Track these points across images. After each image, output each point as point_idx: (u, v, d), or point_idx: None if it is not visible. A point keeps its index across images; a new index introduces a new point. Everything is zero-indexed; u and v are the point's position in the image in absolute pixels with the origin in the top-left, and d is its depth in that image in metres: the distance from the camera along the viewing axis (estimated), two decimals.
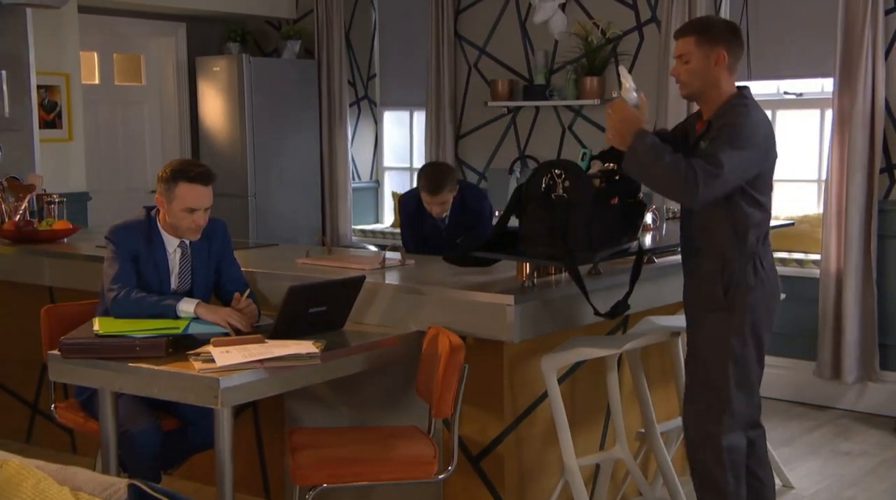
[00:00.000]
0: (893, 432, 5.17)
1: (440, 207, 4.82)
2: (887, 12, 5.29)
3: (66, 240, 4.81)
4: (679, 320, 3.78)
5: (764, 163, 3.24)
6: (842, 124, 5.35)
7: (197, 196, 3.56)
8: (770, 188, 3.34)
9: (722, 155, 3.10)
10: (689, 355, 3.42)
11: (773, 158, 3.30)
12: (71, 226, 4.87)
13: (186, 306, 3.46)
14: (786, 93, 5.93)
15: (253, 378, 3.07)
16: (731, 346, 3.28)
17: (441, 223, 4.91)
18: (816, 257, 5.62)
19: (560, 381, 3.64)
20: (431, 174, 4.83)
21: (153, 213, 3.68)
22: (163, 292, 3.62)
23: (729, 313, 3.27)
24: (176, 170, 3.57)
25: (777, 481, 4.40)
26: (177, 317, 3.44)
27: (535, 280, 3.54)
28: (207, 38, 7.77)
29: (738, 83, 3.34)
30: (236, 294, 3.60)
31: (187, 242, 3.69)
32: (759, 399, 3.49)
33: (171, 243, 3.67)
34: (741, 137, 3.15)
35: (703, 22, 3.41)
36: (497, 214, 4.73)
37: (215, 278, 3.78)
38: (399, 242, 5.36)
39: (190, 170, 3.58)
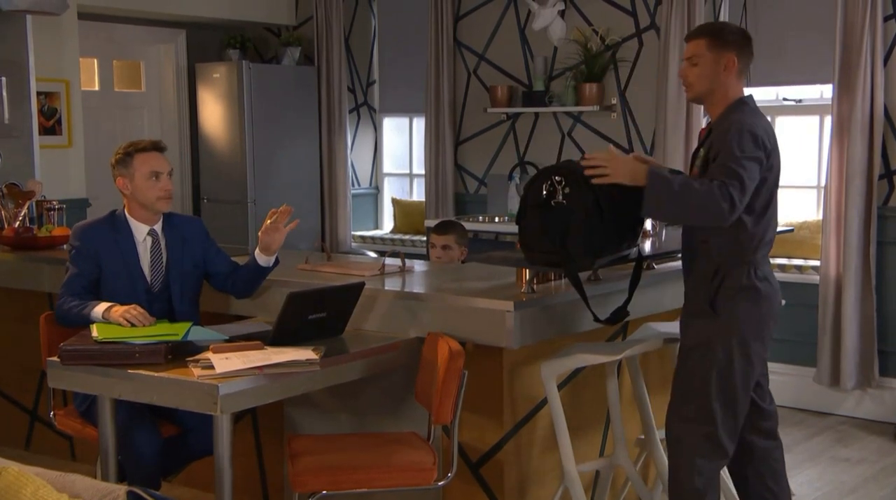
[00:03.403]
0: (893, 438, 5.17)
1: (444, 252, 4.83)
2: (886, 18, 5.30)
3: (65, 246, 4.81)
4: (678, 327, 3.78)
5: (766, 169, 3.22)
6: (841, 130, 5.35)
7: (156, 160, 3.66)
8: (772, 198, 3.29)
9: (736, 167, 3.09)
10: (678, 359, 3.41)
11: (774, 166, 3.27)
12: (70, 233, 4.87)
13: (95, 314, 3.46)
14: (785, 99, 5.94)
15: (252, 385, 3.06)
16: (715, 353, 3.25)
17: None
18: (816, 263, 5.62)
19: (560, 387, 3.63)
20: (446, 222, 5.03)
21: (118, 210, 3.75)
22: (135, 285, 3.64)
23: (715, 320, 3.25)
24: (126, 148, 3.70)
25: None
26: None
27: (535, 287, 3.54)
28: (207, 44, 7.78)
29: (746, 90, 3.34)
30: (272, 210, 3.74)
31: (158, 230, 3.71)
32: (773, 409, 3.47)
33: (141, 231, 3.70)
34: (745, 144, 3.13)
35: (716, 26, 3.41)
36: None
37: (205, 271, 3.81)
38: (399, 249, 5.36)
39: (139, 142, 3.72)
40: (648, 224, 4.44)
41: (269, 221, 3.73)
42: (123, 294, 3.61)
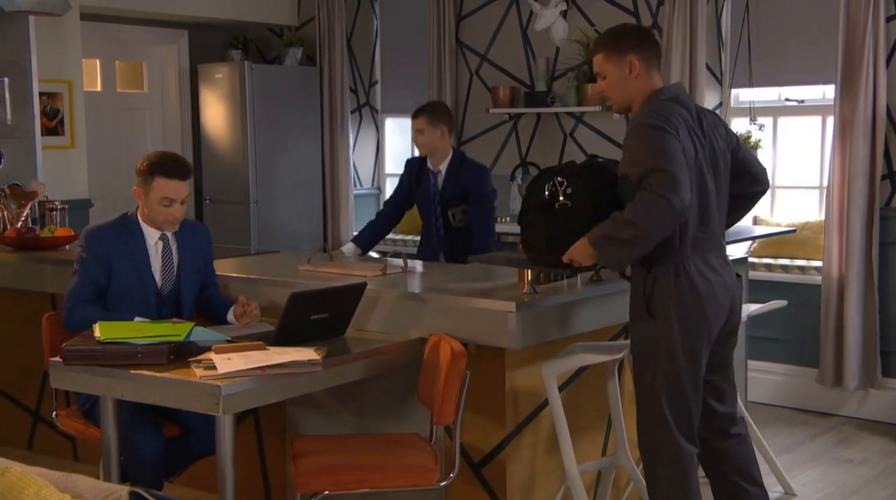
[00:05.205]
0: (895, 439, 5.17)
1: (418, 136, 4.90)
2: (888, 19, 5.30)
3: (67, 247, 4.81)
4: None
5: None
6: (843, 131, 5.35)
7: (174, 189, 3.62)
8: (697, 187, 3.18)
9: (650, 163, 3.04)
10: (632, 367, 3.40)
11: (685, 146, 3.14)
12: (73, 233, 4.87)
13: None
14: (787, 99, 5.93)
15: (254, 385, 3.07)
16: (658, 356, 3.23)
17: (433, 189, 4.96)
18: (818, 263, 5.62)
19: (561, 387, 3.63)
20: (423, 104, 5.02)
21: (130, 213, 3.74)
22: (144, 288, 3.65)
23: (652, 323, 3.23)
24: (153, 164, 3.63)
25: (779, 488, 4.40)
26: None
27: (537, 287, 3.54)
28: (209, 45, 7.78)
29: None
30: (239, 300, 3.69)
31: (169, 235, 3.72)
32: (730, 411, 3.45)
33: (152, 235, 3.70)
34: (645, 138, 3.10)
35: (608, 35, 3.40)
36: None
37: (199, 282, 3.81)
38: (401, 249, 5.38)
39: (167, 165, 3.63)
40: None
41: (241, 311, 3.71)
42: (133, 297, 3.63)
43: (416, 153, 5.29)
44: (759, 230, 5.56)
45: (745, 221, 5.89)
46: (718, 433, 3.44)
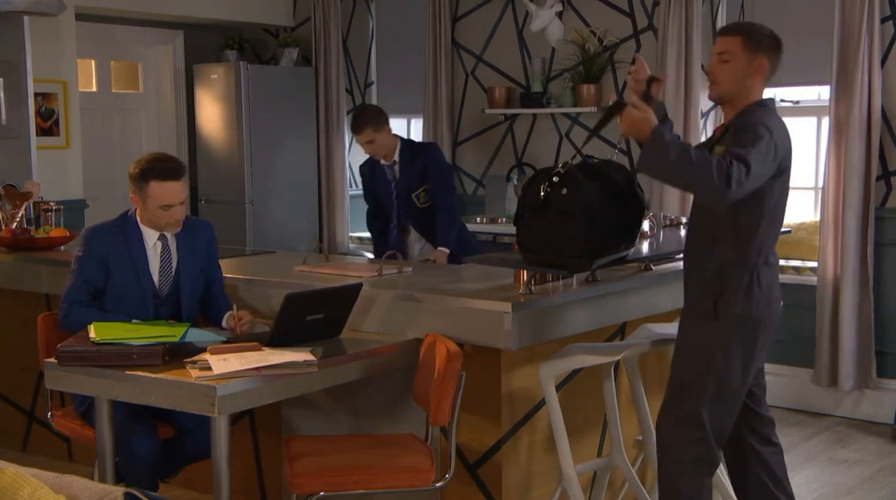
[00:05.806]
0: (890, 439, 5.17)
1: (369, 147, 5.08)
2: (883, 20, 5.31)
3: (62, 248, 4.80)
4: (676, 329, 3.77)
5: (777, 171, 3.16)
6: (838, 132, 5.35)
7: (171, 193, 3.57)
8: (781, 203, 3.25)
9: (749, 156, 3.00)
10: (673, 359, 3.38)
11: (786, 170, 3.20)
12: (68, 234, 4.87)
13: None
14: (782, 100, 5.94)
15: (250, 386, 3.06)
16: (714, 357, 3.22)
17: (392, 180, 5.17)
18: (813, 264, 5.62)
19: (558, 388, 3.63)
20: (354, 115, 5.18)
21: (130, 212, 3.70)
22: (143, 289, 3.63)
23: (715, 323, 3.22)
24: (145, 169, 3.56)
25: None
26: None
27: (533, 288, 3.54)
28: (205, 45, 7.78)
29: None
30: (229, 313, 3.63)
31: (168, 235, 3.69)
32: (770, 416, 3.45)
33: (151, 237, 3.68)
34: (761, 135, 3.07)
35: (752, 25, 3.38)
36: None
37: (203, 281, 3.79)
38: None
39: (159, 167, 3.57)
40: (647, 225, 4.46)
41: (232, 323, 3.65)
42: (131, 298, 3.62)
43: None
44: None
45: None
46: (761, 437, 3.44)
